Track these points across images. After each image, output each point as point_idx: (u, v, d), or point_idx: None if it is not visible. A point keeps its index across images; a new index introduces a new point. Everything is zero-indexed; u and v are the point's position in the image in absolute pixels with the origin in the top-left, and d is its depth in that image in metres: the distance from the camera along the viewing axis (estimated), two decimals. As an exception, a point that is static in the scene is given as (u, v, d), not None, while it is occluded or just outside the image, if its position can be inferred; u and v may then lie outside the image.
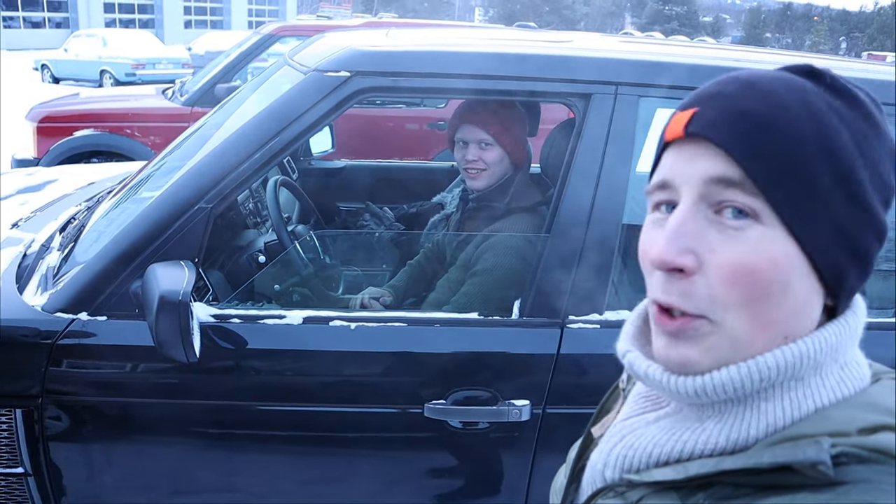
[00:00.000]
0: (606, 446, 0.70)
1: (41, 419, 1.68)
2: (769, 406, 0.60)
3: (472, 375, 1.72)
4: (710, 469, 0.58)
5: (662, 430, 0.65)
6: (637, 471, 0.65)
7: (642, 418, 0.70)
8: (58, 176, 3.05)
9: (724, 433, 0.60)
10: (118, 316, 1.67)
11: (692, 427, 0.63)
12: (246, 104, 2.15)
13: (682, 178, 0.61)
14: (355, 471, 1.83)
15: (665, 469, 0.62)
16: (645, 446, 0.65)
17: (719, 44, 12.39)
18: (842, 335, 0.61)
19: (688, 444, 0.62)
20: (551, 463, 1.79)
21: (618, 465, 0.67)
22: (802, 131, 0.57)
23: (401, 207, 3.22)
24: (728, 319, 0.59)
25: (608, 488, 0.68)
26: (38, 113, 5.59)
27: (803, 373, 0.60)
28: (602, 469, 0.69)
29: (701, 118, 0.61)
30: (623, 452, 0.67)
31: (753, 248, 0.58)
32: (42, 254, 2.03)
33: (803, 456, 0.53)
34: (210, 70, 5.89)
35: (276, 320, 1.71)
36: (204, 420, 1.75)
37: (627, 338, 0.70)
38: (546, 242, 1.75)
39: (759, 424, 0.60)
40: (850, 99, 0.60)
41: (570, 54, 1.85)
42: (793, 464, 0.53)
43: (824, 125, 0.58)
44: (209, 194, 1.69)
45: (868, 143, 0.59)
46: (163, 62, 17.81)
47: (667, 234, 0.60)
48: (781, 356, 0.59)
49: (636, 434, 0.68)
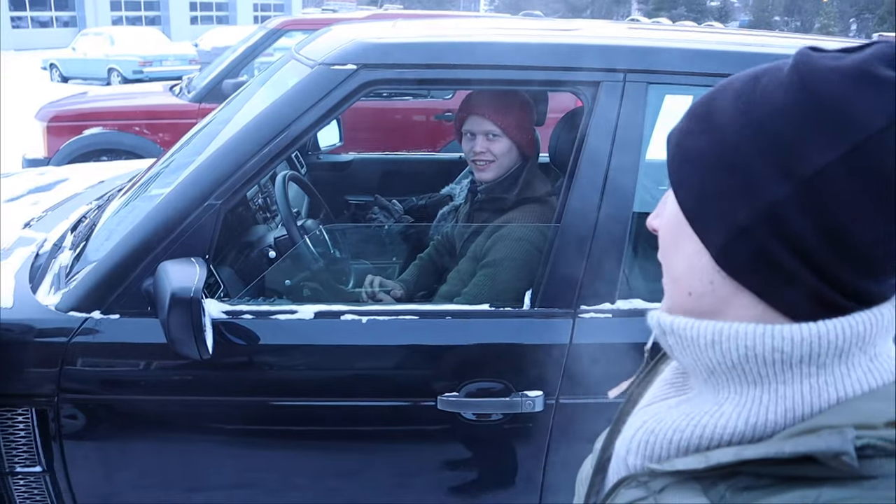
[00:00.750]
0: (629, 432, 0.70)
1: (57, 418, 1.69)
2: (787, 390, 0.59)
3: (484, 367, 1.72)
4: (730, 458, 0.57)
5: (682, 415, 0.65)
6: (659, 458, 0.65)
7: (664, 404, 0.70)
8: (68, 175, 3.06)
9: (743, 417, 0.60)
10: (131, 314, 1.68)
11: (710, 411, 0.62)
12: (253, 99, 2.14)
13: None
14: (370, 464, 1.83)
15: (687, 458, 0.61)
16: (665, 432, 0.65)
17: (727, 28, 12.29)
18: (872, 326, 0.58)
19: (707, 429, 0.61)
20: (565, 454, 1.80)
21: (640, 451, 0.67)
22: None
23: (409, 200, 3.21)
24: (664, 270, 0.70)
25: (631, 477, 0.67)
26: (47, 112, 5.62)
27: (825, 359, 0.58)
28: (625, 455, 0.69)
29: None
30: (644, 438, 0.67)
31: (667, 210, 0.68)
32: (54, 253, 2.04)
33: (826, 446, 0.51)
34: (217, 66, 5.89)
35: (288, 315, 1.71)
36: (218, 416, 1.76)
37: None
38: (557, 232, 1.74)
39: (778, 408, 0.58)
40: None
41: (578, 42, 1.84)
42: (815, 453, 0.52)
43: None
44: (219, 190, 1.69)
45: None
46: (170, 59, 17.84)
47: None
48: (798, 330, 0.58)
49: (657, 419, 0.67)
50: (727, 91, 0.62)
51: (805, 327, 0.58)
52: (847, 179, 0.53)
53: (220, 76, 5.58)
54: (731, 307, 0.62)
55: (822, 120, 0.54)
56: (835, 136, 0.54)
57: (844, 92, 0.54)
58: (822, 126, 0.54)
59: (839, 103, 0.54)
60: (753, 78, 0.61)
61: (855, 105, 0.54)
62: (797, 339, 0.58)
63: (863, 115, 0.53)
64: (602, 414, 1.74)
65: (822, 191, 0.54)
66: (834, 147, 0.53)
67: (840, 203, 0.54)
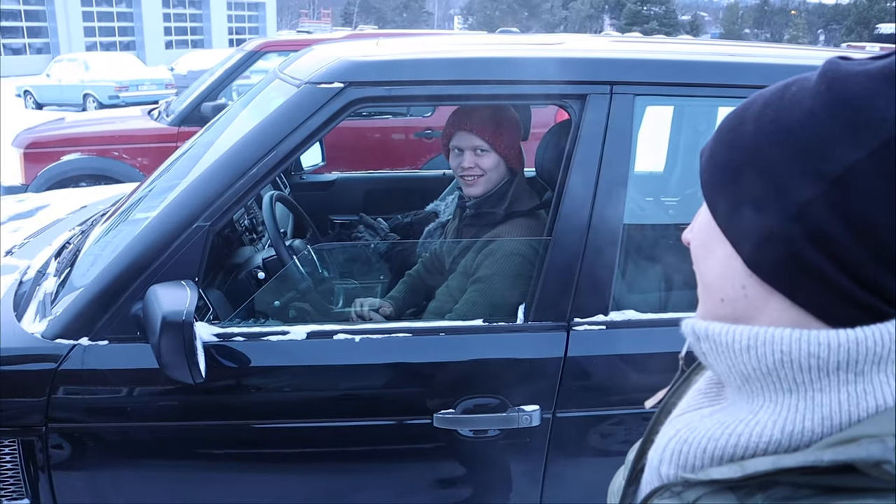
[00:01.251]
0: (661, 442, 0.69)
1: (45, 448, 1.66)
2: (825, 398, 0.58)
3: (480, 383, 1.71)
4: (767, 467, 0.56)
5: (716, 424, 0.64)
6: (693, 468, 0.63)
7: (697, 413, 0.69)
8: (49, 201, 3.02)
9: (779, 425, 0.58)
10: (120, 340, 1.65)
11: (745, 420, 0.61)
12: (238, 121, 2.13)
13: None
14: (366, 484, 1.81)
15: (722, 468, 0.60)
16: (699, 441, 0.63)
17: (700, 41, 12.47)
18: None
19: (742, 438, 0.60)
20: (563, 468, 1.79)
21: (673, 460, 0.65)
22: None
23: (395, 217, 3.21)
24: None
25: (664, 488, 0.66)
26: (24, 139, 5.56)
27: (863, 367, 0.57)
28: (658, 465, 0.68)
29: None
30: (678, 448, 0.65)
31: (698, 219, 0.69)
32: (38, 280, 2.01)
33: (867, 454, 0.50)
34: (195, 89, 5.87)
35: (280, 336, 1.69)
36: (211, 441, 1.73)
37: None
38: (548, 245, 1.74)
39: (815, 416, 0.57)
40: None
41: (564, 56, 1.85)
42: (855, 462, 0.51)
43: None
44: (207, 212, 1.67)
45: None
46: (146, 83, 17.76)
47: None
48: (836, 336, 0.57)
49: (690, 428, 0.66)
50: (756, 102, 0.63)
51: (843, 333, 0.57)
52: (876, 177, 0.53)
53: (199, 99, 5.55)
54: (764, 312, 0.62)
55: (850, 119, 0.54)
56: (862, 135, 0.53)
57: (872, 92, 0.54)
58: (849, 125, 0.54)
59: (866, 102, 0.54)
60: (783, 88, 0.62)
61: (882, 104, 0.53)
62: (834, 345, 0.57)
63: (891, 114, 0.53)
64: (599, 426, 1.75)
65: (852, 190, 0.54)
66: (862, 145, 0.53)
67: (870, 202, 0.53)
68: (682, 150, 3.07)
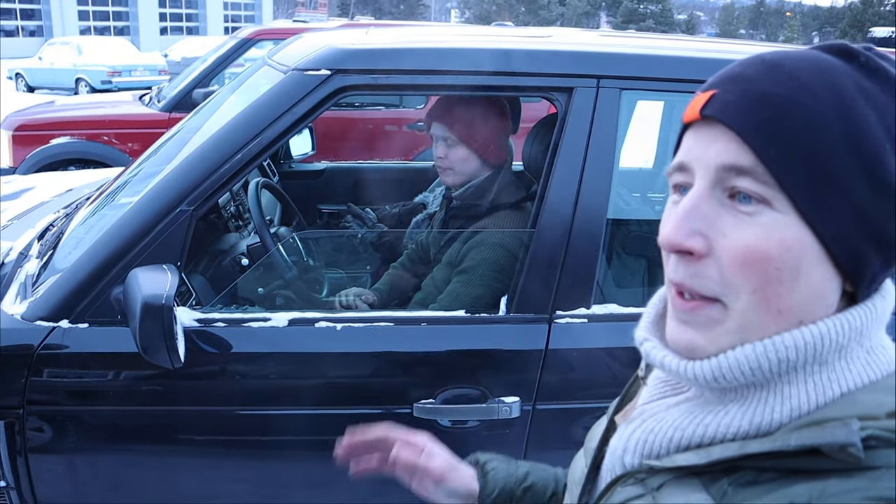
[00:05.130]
0: (626, 431, 0.69)
1: (23, 431, 1.65)
2: (793, 390, 0.59)
3: (460, 373, 1.71)
4: (733, 453, 0.56)
5: (684, 413, 0.64)
6: (658, 456, 0.63)
7: (663, 402, 0.69)
8: (35, 184, 3.01)
9: (748, 417, 0.59)
10: (100, 323, 1.64)
11: (714, 410, 0.62)
12: (225, 106, 2.12)
13: (697, 161, 0.61)
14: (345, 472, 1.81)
15: (687, 454, 0.60)
16: (666, 430, 0.64)
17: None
18: (868, 319, 0.59)
19: (710, 428, 0.60)
20: (543, 460, 1.79)
21: (637, 449, 0.66)
22: (823, 115, 0.56)
23: (383, 208, 3.20)
24: (740, 304, 0.59)
25: (628, 475, 0.66)
26: (13, 121, 5.52)
27: (827, 356, 0.58)
28: (622, 454, 0.68)
29: (718, 101, 0.60)
30: (643, 437, 0.66)
31: (764, 234, 0.57)
32: (20, 262, 1.99)
33: (832, 438, 0.52)
34: (187, 76, 5.84)
35: (262, 323, 1.69)
36: (190, 426, 1.72)
37: (645, 325, 0.69)
38: (531, 238, 1.74)
39: (784, 409, 0.58)
40: (886, 80, 0.58)
41: (551, 48, 1.84)
42: (821, 446, 0.52)
43: (849, 108, 0.56)
44: (190, 197, 1.66)
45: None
46: (139, 69, 17.66)
47: (676, 217, 0.60)
48: (800, 336, 0.58)
49: (657, 418, 0.66)
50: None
51: (807, 331, 0.58)
52: None
53: (191, 86, 5.53)
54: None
55: None
56: None
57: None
58: None
59: None
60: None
61: None
62: (801, 345, 0.58)
63: None
64: (579, 419, 1.75)
65: None
66: None
67: None
68: (671, 146, 3.07)
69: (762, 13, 68.92)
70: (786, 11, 69.32)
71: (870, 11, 50.82)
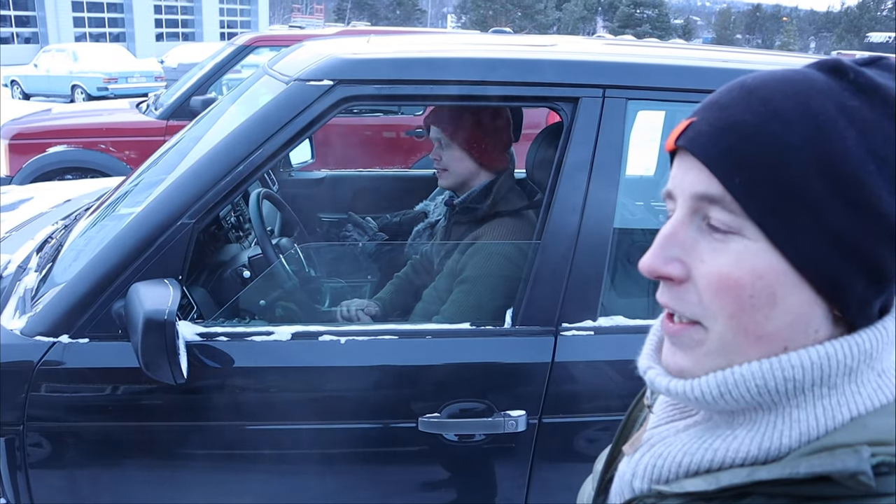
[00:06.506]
0: (635, 455, 0.69)
1: (23, 447, 1.63)
2: (801, 414, 0.58)
3: (466, 387, 1.69)
4: (742, 479, 0.56)
5: (692, 437, 0.63)
6: (667, 481, 0.63)
7: (671, 426, 0.68)
8: (32, 194, 2.99)
9: (756, 441, 0.58)
10: (101, 338, 1.62)
11: (723, 435, 0.61)
12: (226, 116, 2.10)
13: (677, 189, 0.63)
14: (350, 488, 1.79)
15: (696, 479, 0.60)
16: (674, 455, 0.63)
17: (692, 45, 12.48)
18: (878, 341, 0.58)
19: (718, 453, 0.60)
20: (549, 474, 1.78)
21: (646, 475, 0.65)
22: (790, 140, 0.55)
23: (384, 217, 3.18)
24: (718, 326, 0.59)
25: (637, 499, 0.66)
26: (9, 130, 5.49)
27: (835, 379, 0.57)
28: (630, 479, 0.67)
29: (693, 130, 0.61)
30: (652, 462, 0.65)
31: (736, 262, 0.58)
32: (19, 275, 1.97)
33: (842, 465, 0.51)
34: (184, 83, 5.82)
35: (265, 337, 1.67)
36: (192, 442, 1.70)
37: (648, 353, 0.69)
38: (537, 249, 1.72)
39: (792, 433, 0.58)
40: (875, 98, 0.56)
41: (557, 58, 1.83)
42: (831, 474, 0.51)
43: (823, 132, 0.55)
44: (192, 209, 1.64)
45: (890, 145, 0.55)
46: (135, 76, 17.64)
47: (655, 244, 0.62)
48: (807, 357, 0.57)
49: (665, 443, 0.66)
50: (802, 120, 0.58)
51: (813, 351, 0.57)
52: None
53: (188, 93, 5.51)
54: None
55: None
56: None
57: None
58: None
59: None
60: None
61: None
62: (807, 365, 0.57)
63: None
64: (586, 432, 1.73)
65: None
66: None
67: None
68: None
69: (758, 18, 69.17)
70: (782, 16, 69.54)
71: (867, 16, 51.07)
